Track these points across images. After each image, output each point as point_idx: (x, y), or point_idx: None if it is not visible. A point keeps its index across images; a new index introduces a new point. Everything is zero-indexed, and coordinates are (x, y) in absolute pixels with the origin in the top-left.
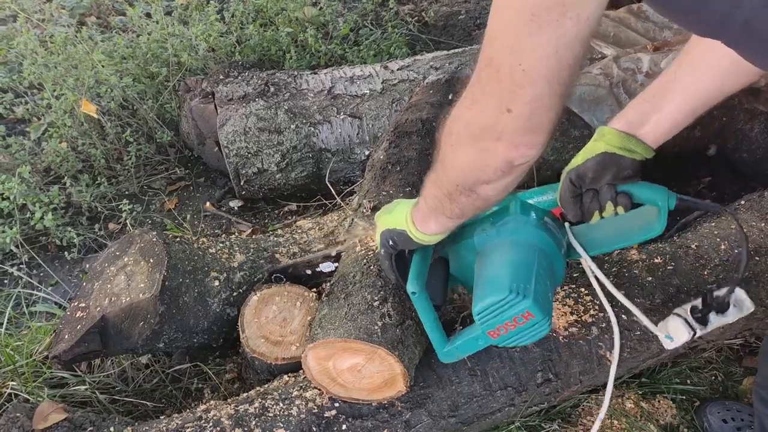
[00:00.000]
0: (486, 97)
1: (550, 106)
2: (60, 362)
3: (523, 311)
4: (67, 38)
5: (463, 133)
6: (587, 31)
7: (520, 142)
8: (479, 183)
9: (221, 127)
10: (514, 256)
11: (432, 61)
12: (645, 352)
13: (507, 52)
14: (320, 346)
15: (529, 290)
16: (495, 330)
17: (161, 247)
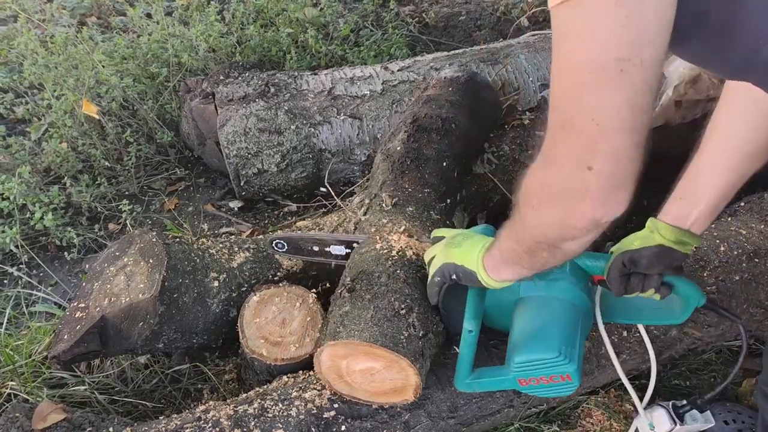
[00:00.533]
0: (563, 157)
1: (631, 157)
2: (59, 362)
3: (564, 373)
4: (67, 38)
5: (543, 194)
6: (653, 75)
7: (606, 199)
8: (564, 240)
9: (221, 128)
10: (564, 317)
11: (432, 62)
12: (645, 354)
13: (577, 111)
14: (341, 345)
15: (574, 355)
16: (527, 380)
17: (161, 248)
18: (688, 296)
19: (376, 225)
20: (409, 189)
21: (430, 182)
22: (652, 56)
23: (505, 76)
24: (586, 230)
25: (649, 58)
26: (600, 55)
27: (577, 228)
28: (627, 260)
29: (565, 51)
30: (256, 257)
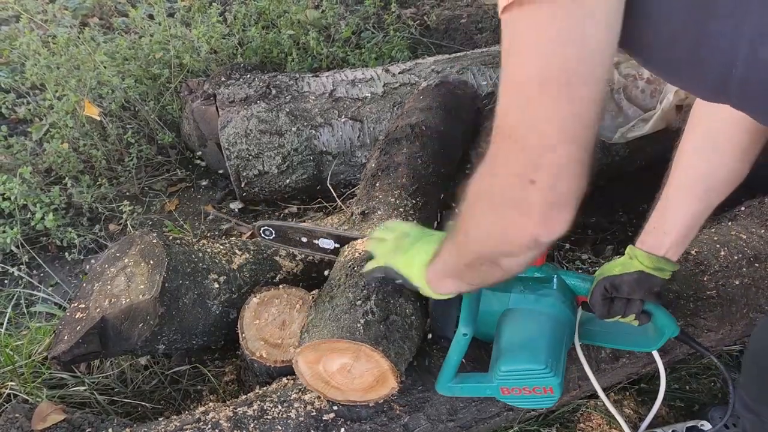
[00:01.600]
0: (506, 170)
1: (574, 173)
2: (59, 363)
3: (547, 386)
4: (69, 39)
5: (485, 205)
6: (599, 92)
7: (548, 217)
8: (502, 256)
9: (222, 129)
10: (552, 332)
11: (433, 65)
12: (644, 358)
13: (523, 124)
14: (307, 349)
15: (559, 369)
16: (509, 389)
17: (161, 249)
18: (664, 326)
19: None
20: (379, 196)
21: (400, 184)
22: (598, 73)
23: None
24: (526, 247)
25: (594, 75)
26: (546, 67)
27: (516, 244)
28: (609, 285)
29: (512, 62)
30: (256, 259)
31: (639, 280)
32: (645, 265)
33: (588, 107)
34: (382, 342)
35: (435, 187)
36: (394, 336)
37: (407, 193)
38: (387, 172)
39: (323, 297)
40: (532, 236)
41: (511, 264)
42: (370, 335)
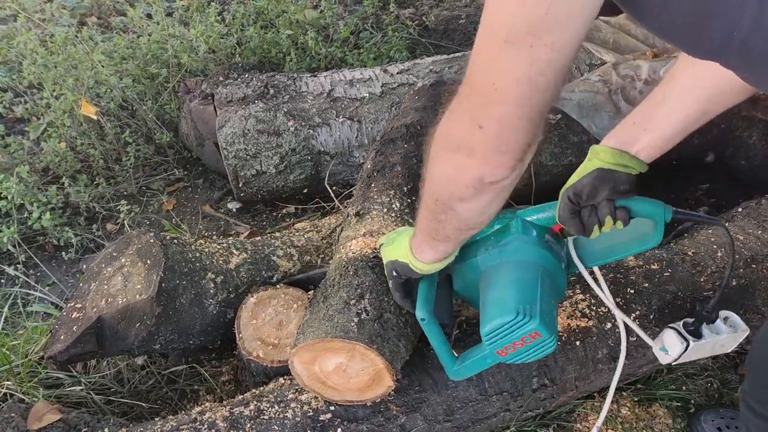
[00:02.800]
0: (462, 111)
1: (519, 128)
2: (56, 363)
3: (531, 332)
4: (67, 38)
5: (441, 145)
6: (562, 61)
7: (489, 160)
8: (454, 198)
9: (220, 129)
10: (519, 277)
11: (432, 65)
12: (641, 359)
13: (483, 71)
14: (302, 349)
15: (534, 311)
16: (503, 349)
17: (158, 249)
18: (652, 214)
19: (343, 241)
20: (373, 197)
21: (395, 184)
22: (564, 41)
23: None
24: (473, 188)
25: (560, 42)
26: (512, 27)
27: (464, 183)
28: (571, 194)
29: (488, 13)
30: (253, 258)
31: (599, 177)
32: (605, 161)
33: (546, 71)
34: (377, 340)
35: None
36: (389, 334)
37: (402, 192)
38: (382, 172)
39: (318, 297)
40: (476, 176)
41: (464, 210)
42: (364, 334)
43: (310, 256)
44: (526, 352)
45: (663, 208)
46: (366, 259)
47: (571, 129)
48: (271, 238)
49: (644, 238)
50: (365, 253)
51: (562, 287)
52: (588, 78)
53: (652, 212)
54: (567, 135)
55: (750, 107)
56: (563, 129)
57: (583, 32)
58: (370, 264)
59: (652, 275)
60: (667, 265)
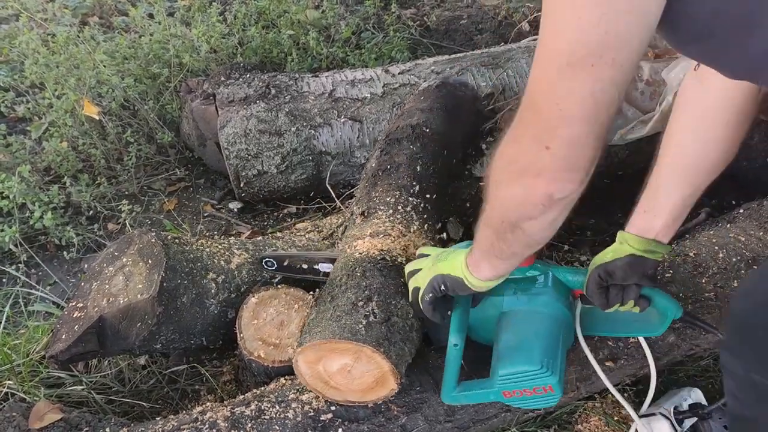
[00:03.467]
0: (526, 136)
1: (587, 144)
2: (57, 362)
3: (546, 385)
4: (69, 38)
5: (505, 170)
6: (623, 77)
7: (558, 178)
8: (523, 218)
9: (222, 129)
10: (545, 330)
11: (433, 66)
12: (642, 360)
13: (546, 95)
14: (308, 349)
15: (556, 367)
16: (511, 392)
17: (160, 248)
18: (665, 309)
19: (348, 240)
20: (379, 197)
21: (401, 185)
22: (624, 57)
23: (505, 80)
24: (542, 206)
25: (620, 59)
26: (574, 47)
27: (533, 203)
28: (603, 272)
29: (546, 38)
30: (254, 258)
31: (631, 263)
32: (636, 248)
33: (610, 89)
34: (384, 343)
35: (436, 188)
36: (395, 338)
37: (408, 193)
38: (388, 172)
39: (324, 297)
40: (546, 194)
41: (532, 227)
42: (372, 336)
43: None
44: (531, 400)
45: (676, 307)
46: (374, 261)
47: None
48: (273, 238)
49: (649, 325)
50: (372, 255)
51: (570, 344)
52: None
53: (667, 308)
54: None
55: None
56: None
57: (642, 49)
58: (378, 266)
59: None
60: (669, 266)
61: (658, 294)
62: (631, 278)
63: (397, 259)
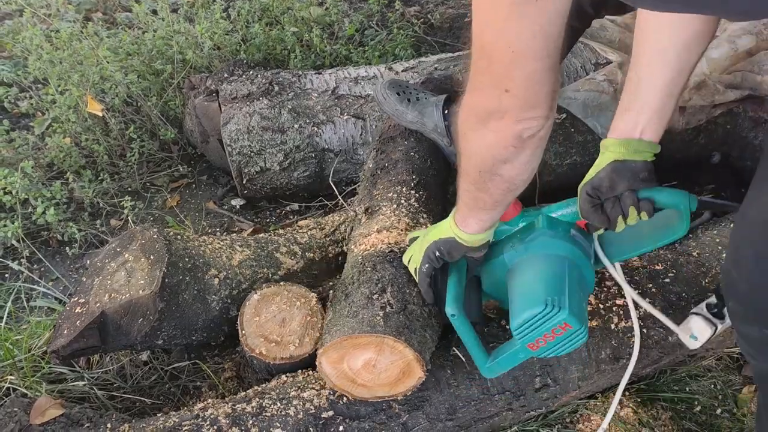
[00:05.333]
0: (485, 83)
1: (544, 80)
2: (58, 357)
3: (560, 323)
4: (72, 34)
5: (471, 120)
6: (564, 3)
7: (522, 116)
8: (498, 163)
9: (224, 126)
10: (546, 270)
11: (437, 63)
12: (644, 360)
13: (495, 39)
14: (330, 349)
15: (563, 301)
16: (534, 343)
17: (162, 244)
18: (676, 203)
19: (355, 239)
20: (381, 194)
21: (401, 180)
22: None
23: None
24: (513, 147)
25: None
26: None
27: (503, 146)
28: (590, 189)
29: None
30: (256, 255)
31: (615, 169)
32: (617, 153)
33: (555, 21)
34: (404, 332)
35: (435, 179)
36: (415, 325)
37: (409, 187)
38: (386, 170)
39: (338, 296)
40: (514, 134)
41: (509, 171)
42: (391, 326)
43: (313, 254)
44: (558, 345)
45: (687, 197)
46: (382, 255)
47: (576, 128)
48: (275, 235)
49: (671, 228)
50: (380, 249)
51: (591, 282)
52: (593, 77)
53: (677, 202)
54: (572, 134)
55: (756, 107)
56: (568, 128)
57: None
58: (388, 258)
59: (657, 276)
60: (672, 266)
61: (658, 192)
62: (620, 185)
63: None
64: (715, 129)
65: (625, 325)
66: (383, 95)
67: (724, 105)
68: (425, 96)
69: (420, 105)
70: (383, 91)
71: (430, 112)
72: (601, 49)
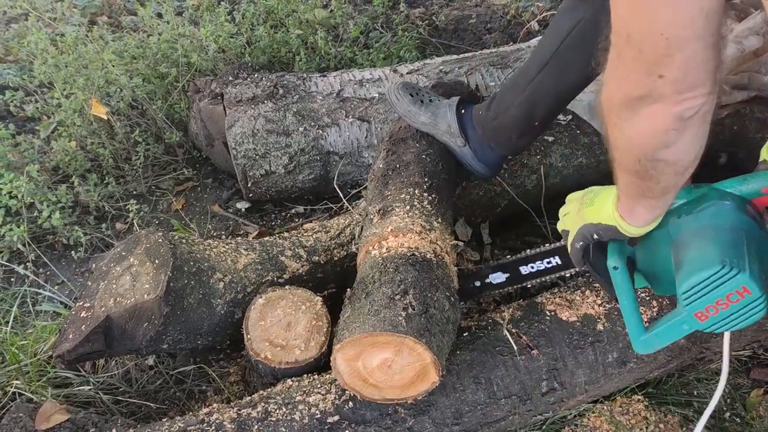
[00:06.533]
0: (634, 73)
1: (705, 59)
2: (63, 362)
3: (739, 287)
4: (77, 38)
5: (621, 110)
6: None
7: (682, 98)
8: (659, 149)
9: (229, 129)
10: (721, 237)
11: (442, 65)
12: (652, 363)
13: (646, 28)
14: (348, 345)
15: (743, 264)
16: (703, 311)
17: (167, 248)
18: None
19: (368, 239)
20: (392, 195)
21: (413, 182)
22: None
23: None
24: (674, 130)
25: None
26: None
27: (663, 129)
28: None
29: None
30: (261, 259)
31: None
32: None
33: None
34: (425, 334)
35: (447, 183)
36: (435, 329)
37: (422, 190)
38: (398, 171)
39: (358, 294)
40: (674, 116)
41: (673, 155)
42: (413, 327)
43: (319, 257)
44: (732, 316)
45: None
46: (404, 257)
47: (582, 130)
48: (280, 239)
49: None
50: (401, 252)
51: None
52: (599, 78)
53: None
54: (577, 136)
55: (763, 108)
56: (573, 130)
57: None
58: (410, 261)
59: None
60: None
61: None
62: None
63: (426, 255)
64: (722, 130)
65: None
66: (396, 96)
67: (730, 106)
68: (438, 99)
69: (433, 107)
70: (396, 92)
71: (443, 113)
72: None
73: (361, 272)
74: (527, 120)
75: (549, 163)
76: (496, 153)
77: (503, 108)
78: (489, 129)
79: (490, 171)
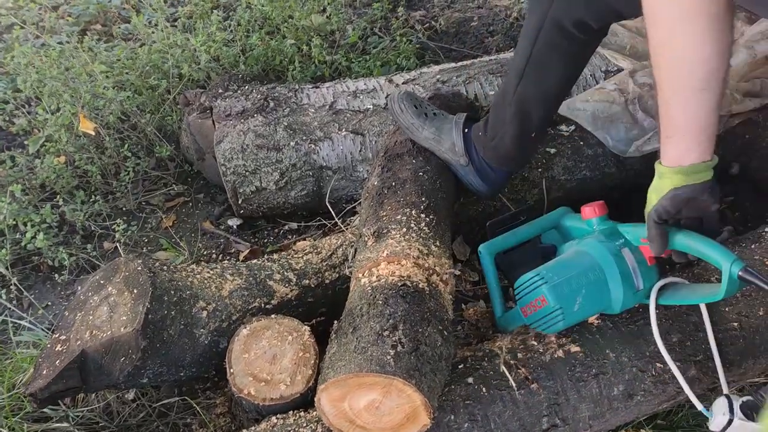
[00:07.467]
0: None
1: None
2: (36, 401)
3: (540, 295)
4: (62, 52)
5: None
6: None
7: None
8: None
9: (218, 144)
10: (568, 258)
11: (439, 74)
12: (660, 395)
13: None
14: (332, 385)
15: (553, 280)
16: (526, 307)
17: (146, 277)
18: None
19: (361, 263)
20: (388, 216)
21: (410, 202)
22: None
23: None
24: None
25: None
26: None
27: None
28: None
29: None
30: (248, 284)
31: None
32: (675, 180)
33: None
34: (415, 374)
35: (445, 202)
36: (426, 368)
37: (419, 210)
38: (393, 189)
39: (344, 328)
40: None
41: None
42: (402, 367)
43: (309, 280)
44: (541, 319)
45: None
46: (394, 288)
47: (585, 142)
48: (268, 261)
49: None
50: (392, 282)
51: (614, 301)
52: (603, 87)
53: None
54: (581, 148)
55: None
56: (577, 141)
57: None
58: (400, 293)
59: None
60: None
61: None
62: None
63: (419, 284)
64: (734, 139)
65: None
66: (400, 107)
67: (742, 114)
68: (441, 113)
69: (438, 121)
70: (401, 102)
71: (448, 129)
72: (611, 56)
73: (350, 302)
74: (523, 135)
75: (551, 176)
76: (498, 172)
77: (498, 126)
78: (489, 149)
79: (492, 190)
